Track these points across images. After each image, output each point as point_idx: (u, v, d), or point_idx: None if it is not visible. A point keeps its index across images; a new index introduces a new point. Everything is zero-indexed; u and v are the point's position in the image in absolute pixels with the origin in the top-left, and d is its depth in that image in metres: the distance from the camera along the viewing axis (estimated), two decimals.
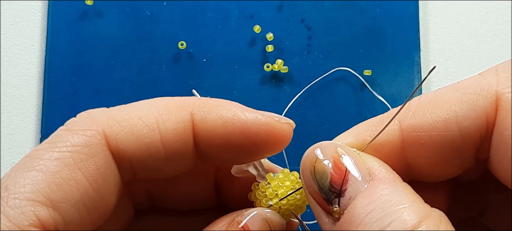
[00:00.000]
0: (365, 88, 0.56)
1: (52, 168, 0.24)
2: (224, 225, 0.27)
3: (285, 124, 0.28)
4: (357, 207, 0.23)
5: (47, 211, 0.23)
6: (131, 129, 0.26)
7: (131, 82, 0.56)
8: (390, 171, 0.25)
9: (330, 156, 0.25)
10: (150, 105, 0.27)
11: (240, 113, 0.27)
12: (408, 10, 0.57)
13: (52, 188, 0.23)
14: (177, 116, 0.27)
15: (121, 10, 0.57)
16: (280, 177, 0.29)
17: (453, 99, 0.25)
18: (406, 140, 0.26)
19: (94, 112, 0.27)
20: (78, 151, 0.24)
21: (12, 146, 0.55)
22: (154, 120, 0.26)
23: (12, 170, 0.24)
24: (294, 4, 0.57)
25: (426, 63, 0.58)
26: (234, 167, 0.29)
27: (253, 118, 0.27)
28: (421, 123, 0.25)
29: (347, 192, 0.24)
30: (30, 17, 0.58)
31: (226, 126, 0.27)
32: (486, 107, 0.25)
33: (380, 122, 0.27)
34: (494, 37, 0.58)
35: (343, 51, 0.57)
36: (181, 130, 0.26)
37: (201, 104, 0.27)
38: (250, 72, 0.56)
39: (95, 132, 0.25)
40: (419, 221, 0.22)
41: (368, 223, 0.23)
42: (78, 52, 0.56)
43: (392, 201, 0.23)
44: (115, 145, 0.25)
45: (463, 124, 0.25)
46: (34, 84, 0.56)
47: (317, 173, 0.25)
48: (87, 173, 0.24)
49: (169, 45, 0.56)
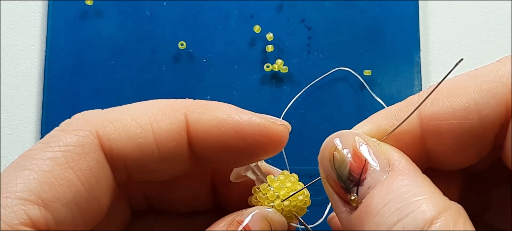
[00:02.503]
0: (365, 88, 0.56)
1: (44, 167, 0.23)
2: (224, 226, 0.27)
3: (280, 126, 0.28)
4: (375, 197, 0.23)
5: (38, 210, 0.23)
6: (124, 129, 0.26)
7: (131, 82, 0.56)
8: (409, 162, 0.25)
9: (350, 145, 0.25)
10: (145, 107, 0.27)
11: (234, 114, 0.27)
12: (408, 10, 0.57)
13: (44, 187, 0.23)
14: (171, 117, 0.26)
15: (121, 10, 0.57)
16: (281, 179, 0.29)
17: (472, 87, 0.25)
18: (425, 129, 0.26)
19: (89, 113, 0.27)
20: (71, 151, 0.24)
21: (12, 146, 0.55)
22: (147, 121, 0.26)
23: (6, 170, 0.24)
24: (294, 4, 0.57)
25: (426, 63, 0.58)
26: (233, 173, 0.29)
27: (247, 119, 0.27)
28: (440, 111, 0.25)
29: (366, 182, 0.24)
30: (30, 17, 0.58)
31: (220, 127, 0.26)
32: (506, 94, 0.24)
33: (398, 110, 0.27)
34: (494, 37, 0.58)
35: (343, 51, 0.57)
36: (175, 131, 0.26)
37: (196, 106, 0.27)
38: (250, 72, 0.56)
39: (88, 132, 0.25)
40: (438, 213, 0.22)
41: (386, 213, 0.22)
42: (78, 52, 0.56)
43: (411, 192, 0.23)
44: (108, 145, 0.25)
45: (483, 112, 0.24)
46: (34, 84, 0.56)
47: (336, 161, 0.25)
48: (79, 172, 0.24)
49: (169, 45, 0.56)
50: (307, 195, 0.29)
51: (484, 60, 0.58)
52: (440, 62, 0.58)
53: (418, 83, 0.56)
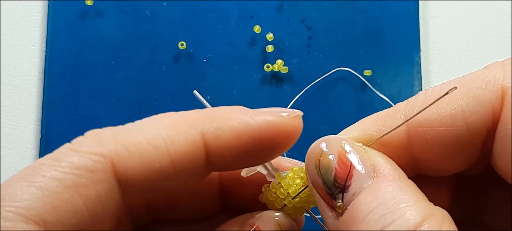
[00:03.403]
0: (365, 88, 0.56)
1: (52, 188, 0.23)
2: (236, 227, 0.27)
3: (294, 119, 0.27)
4: (361, 204, 0.23)
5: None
6: (140, 156, 0.25)
7: (131, 82, 0.56)
8: (395, 168, 0.25)
9: (335, 150, 0.25)
10: (158, 125, 0.26)
11: (251, 120, 0.26)
12: (408, 10, 0.57)
13: (48, 209, 0.22)
14: (187, 137, 0.25)
15: (121, 10, 0.57)
16: (290, 176, 0.29)
17: (459, 94, 0.25)
18: (412, 135, 0.26)
19: (102, 132, 0.26)
20: (81, 175, 0.23)
21: (12, 146, 0.55)
22: (163, 143, 0.25)
23: (12, 180, 0.23)
24: (294, 4, 0.57)
25: (426, 63, 0.58)
26: (244, 169, 0.29)
27: (264, 122, 0.26)
28: (427, 118, 0.25)
29: (351, 188, 0.24)
30: (30, 17, 0.58)
31: (239, 138, 0.26)
32: (493, 101, 0.24)
33: (386, 116, 0.27)
34: (494, 37, 0.58)
35: (343, 51, 0.57)
36: (192, 152, 0.25)
37: (210, 119, 0.26)
38: (250, 72, 0.56)
39: (102, 158, 0.24)
40: (422, 220, 0.22)
41: (371, 220, 0.22)
42: (78, 52, 0.56)
43: (395, 199, 0.23)
44: (123, 173, 0.24)
45: (470, 119, 0.24)
46: (34, 84, 0.56)
47: (321, 167, 0.25)
48: (87, 199, 0.23)
49: (169, 45, 0.56)
50: None
51: (484, 60, 0.58)
52: (440, 62, 0.58)
53: (418, 83, 0.56)
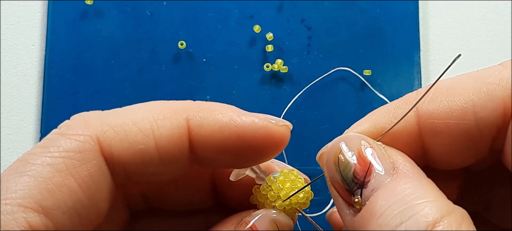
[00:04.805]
0: (365, 88, 0.56)
1: (44, 174, 0.23)
2: (232, 225, 0.27)
3: (282, 127, 0.27)
4: (379, 199, 0.23)
5: (38, 217, 0.22)
6: (125, 135, 0.25)
7: (131, 82, 0.56)
8: (414, 166, 0.25)
9: (355, 148, 0.25)
10: (145, 110, 0.26)
11: (236, 117, 0.26)
12: (408, 10, 0.57)
13: (44, 194, 0.23)
14: (172, 121, 0.26)
15: (121, 10, 0.57)
16: (280, 179, 0.29)
17: (471, 88, 0.25)
18: (422, 127, 0.26)
19: (88, 115, 0.26)
20: (71, 157, 0.24)
21: (12, 146, 0.55)
22: (148, 126, 0.26)
23: (4, 174, 0.24)
24: (294, 4, 0.57)
25: (426, 63, 0.58)
26: (233, 173, 0.29)
27: (249, 122, 0.26)
28: (438, 110, 0.25)
29: (370, 184, 0.24)
30: (30, 17, 0.58)
31: (222, 131, 0.26)
32: (505, 98, 0.24)
33: (396, 108, 0.27)
34: (494, 37, 0.58)
35: (343, 51, 0.57)
36: (176, 136, 0.26)
37: (197, 109, 0.27)
38: (250, 72, 0.56)
39: (89, 137, 0.25)
40: (441, 216, 0.22)
41: (389, 215, 0.22)
42: (78, 52, 0.56)
43: (414, 194, 0.23)
44: (108, 151, 0.25)
45: (480, 114, 0.24)
46: (34, 84, 0.56)
47: (340, 164, 0.25)
48: (80, 179, 0.24)
49: (169, 45, 0.56)
50: (308, 190, 0.29)
51: (484, 60, 0.58)
52: (440, 62, 0.58)
53: (418, 83, 0.56)
